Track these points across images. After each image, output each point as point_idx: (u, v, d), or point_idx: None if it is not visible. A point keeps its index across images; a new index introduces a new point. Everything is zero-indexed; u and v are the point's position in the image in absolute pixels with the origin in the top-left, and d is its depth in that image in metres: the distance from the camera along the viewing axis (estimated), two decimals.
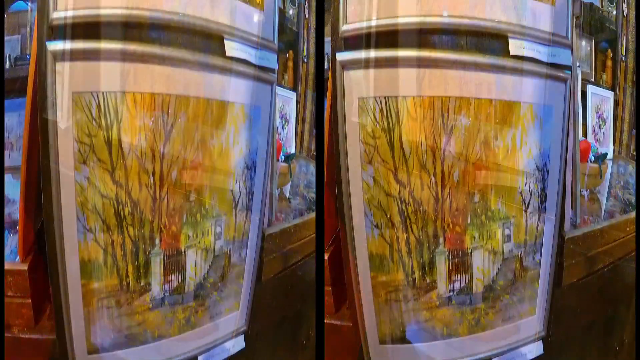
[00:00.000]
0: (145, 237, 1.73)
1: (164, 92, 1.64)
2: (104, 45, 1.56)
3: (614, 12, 3.18)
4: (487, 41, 1.70)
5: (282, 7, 3.15)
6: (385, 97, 1.67)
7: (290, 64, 3.31)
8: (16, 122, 2.74)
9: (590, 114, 2.97)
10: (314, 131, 3.31)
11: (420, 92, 1.66)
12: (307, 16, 3.38)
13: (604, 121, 3.07)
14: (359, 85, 1.68)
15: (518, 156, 1.78)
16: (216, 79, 1.77)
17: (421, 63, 1.65)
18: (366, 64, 1.67)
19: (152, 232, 1.73)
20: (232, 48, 1.76)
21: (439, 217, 1.75)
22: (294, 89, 3.25)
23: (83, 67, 1.56)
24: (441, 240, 1.77)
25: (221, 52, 1.77)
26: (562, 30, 1.82)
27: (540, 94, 1.79)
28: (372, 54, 1.66)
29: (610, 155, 3.09)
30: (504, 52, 1.71)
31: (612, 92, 3.14)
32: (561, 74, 1.83)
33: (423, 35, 1.66)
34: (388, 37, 1.66)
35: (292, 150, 3.15)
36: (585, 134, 2.96)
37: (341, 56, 1.68)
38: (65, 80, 1.55)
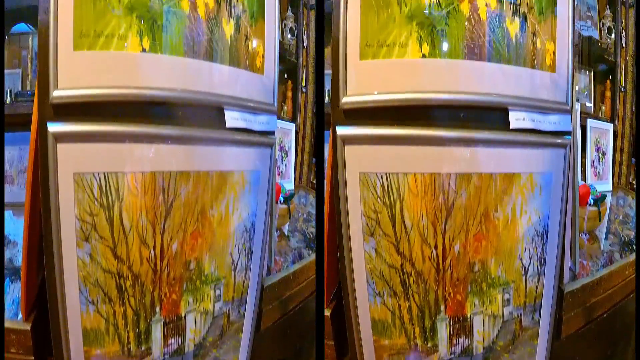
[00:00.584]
0: (146, 306, 1.73)
1: (164, 170, 1.64)
2: (105, 127, 1.56)
3: (613, 43, 3.18)
4: (488, 114, 1.70)
5: (281, 39, 3.15)
6: (386, 174, 1.67)
7: (290, 94, 3.31)
8: (17, 156, 2.74)
9: (590, 147, 2.98)
10: (314, 160, 3.32)
11: (421, 169, 1.66)
12: (305, 46, 3.37)
13: (603, 154, 3.07)
14: (360, 161, 1.67)
15: (518, 224, 1.79)
16: (217, 152, 1.77)
17: (422, 141, 1.65)
18: (367, 140, 1.66)
19: (152, 301, 1.73)
20: (233, 118, 1.75)
21: (440, 287, 1.75)
22: (293, 119, 3.24)
23: (84, 149, 1.56)
24: (442, 307, 1.78)
25: (221, 124, 1.76)
26: (562, 96, 1.81)
27: (540, 163, 1.79)
28: (373, 131, 1.65)
29: (609, 187, 3.10)
30: (505, 125, 1.71)
31: (612, 124, 3.14)
32: (561, 141, 1.83)
33: (424, 112, 1.66)
34: (389, 113, 1.65)
35: (291, 182, 3.15)
36: (584, 168, 2.96)
37: (342, 131, 1.68)
38: (66, 161, 1.55)
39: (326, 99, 2.67)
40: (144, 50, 1.58)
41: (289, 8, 3.25)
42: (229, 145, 1.80)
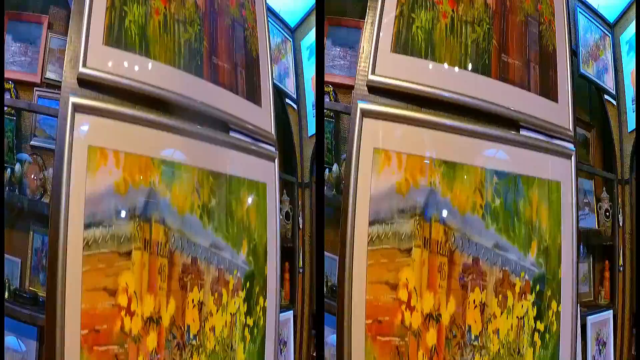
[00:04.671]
0: None
1: None
2: None
3: (610, 225, 3.16)
4: None
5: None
6: None
7: (287, 275, 3.28)
8: (13, 342, 2.74)
9: (590, 344, 2.96)
10: (313, 332, 3.29)
11: None
12: (301, 227, 3.35)
13: (604, 344, 3.05)
14: None
15: None
16: None
17: None
18: None
19: None
20: None
21: None
22: (291, 304, 3.22)
23: None
24: None
25: None
26: None
27: None
28: None
29: None
30: None
31: (611, 310, 3.12)
32: None
33: None
34: None
35: None
36: None
37: None
38: None
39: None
40: None
41: (284, 191, 3.24)
42: None
